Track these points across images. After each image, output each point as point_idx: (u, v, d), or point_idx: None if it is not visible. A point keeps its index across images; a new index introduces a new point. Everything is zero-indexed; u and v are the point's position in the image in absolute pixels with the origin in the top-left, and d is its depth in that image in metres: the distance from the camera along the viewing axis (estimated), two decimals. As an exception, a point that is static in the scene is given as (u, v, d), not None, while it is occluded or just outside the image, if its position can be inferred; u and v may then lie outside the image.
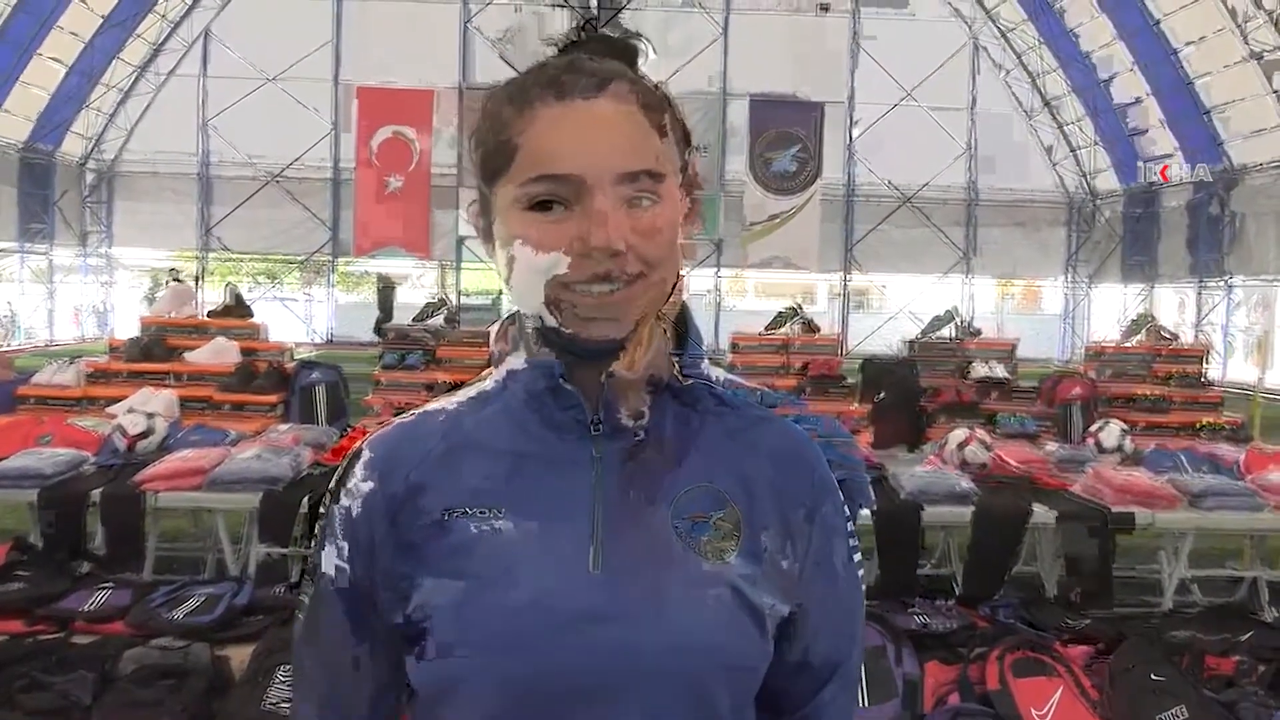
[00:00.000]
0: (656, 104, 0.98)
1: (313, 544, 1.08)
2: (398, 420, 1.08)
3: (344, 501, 1.04)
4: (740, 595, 0.98)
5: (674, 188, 1.00)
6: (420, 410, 1.09)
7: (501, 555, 0.96)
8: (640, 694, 0.94)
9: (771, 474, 1.05)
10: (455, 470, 1.01)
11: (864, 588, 1.13)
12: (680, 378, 1.05)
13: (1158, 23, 20.00)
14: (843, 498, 1.10)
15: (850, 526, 1.10)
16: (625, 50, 1.03)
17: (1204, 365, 8.94)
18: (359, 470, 1.04)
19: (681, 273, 1.02)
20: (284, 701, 3.35)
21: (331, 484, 1.07)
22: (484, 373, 1.11)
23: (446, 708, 0.96)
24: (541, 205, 0.95)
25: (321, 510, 1.07)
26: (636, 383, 1.01)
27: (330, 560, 1.04)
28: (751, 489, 1.03)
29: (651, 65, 1.03)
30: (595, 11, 21.55)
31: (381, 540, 1.01)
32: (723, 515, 1.01)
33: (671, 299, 1.02)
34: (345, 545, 1.03)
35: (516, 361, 1.04)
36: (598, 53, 1.01)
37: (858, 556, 1.11)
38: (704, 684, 0.95)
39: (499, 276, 1.02)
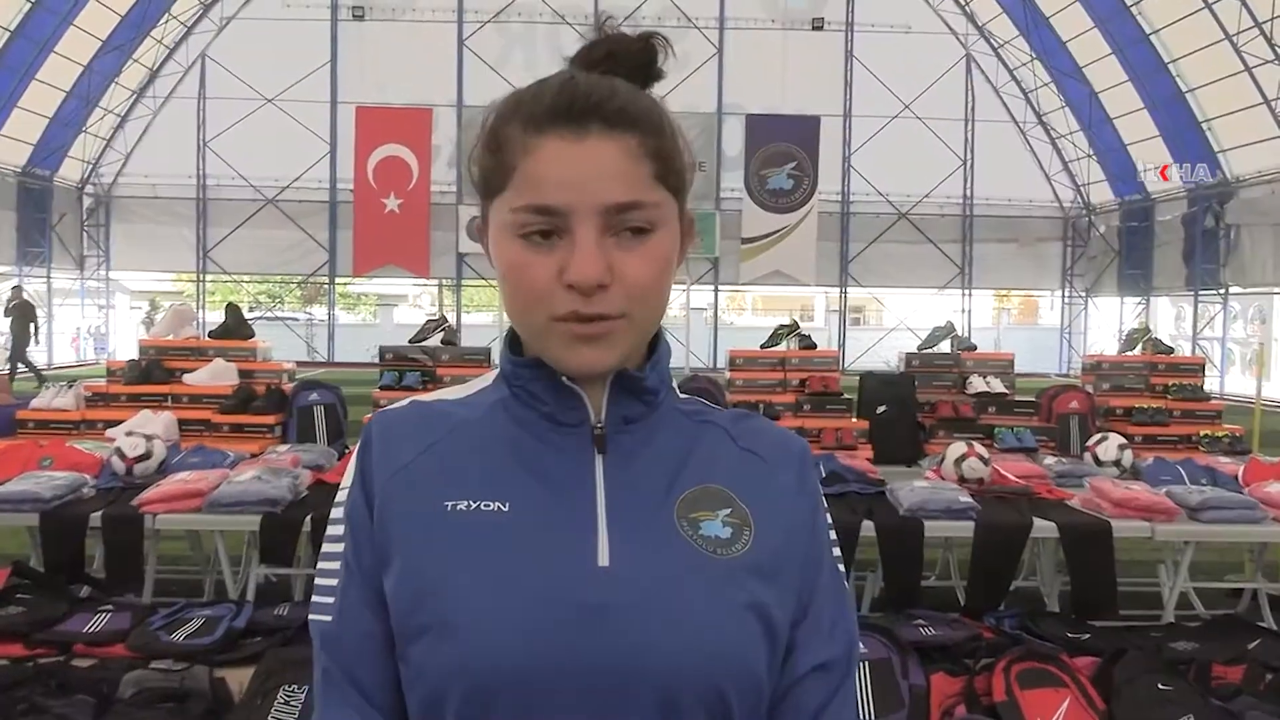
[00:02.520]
0: (654, 129, 0.97)
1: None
2: (405, 404, 1.08)
3: (348, 483, 1.05)
4: (750, 593, 0.97)
5: (670, 216, 0.98)
6: (427, 398, 1.09)
7: (506, 548, 0.96)
8: (648, 687, 0.92)
9: (771, 478, 1.05)
10: (456, 462, 1.01)
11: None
12: (677, 390, 1.08)
13: (1149, 35, 20.09)
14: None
15: (832, 534, 1.10)
16: (644, 51, 1.02)
17: (1202, 377, 8.93)
18: (360, 453, 1.05)
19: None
20: (285, 723, 3.34)
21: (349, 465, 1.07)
22: (490, 370, 1.11)
23: (447, 702, 0.94)
24: (537, 233, 0.94)
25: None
26: (639, 384, 1.02)
27: (340, 540, 1.05)
28: (754, 492, 1.03)
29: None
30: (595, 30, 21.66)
31: (377, 526, 1.01)
32: (730, 513, 1.01)
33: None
34: (348, 529, 1.04)
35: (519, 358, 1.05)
36: (616, 52, 1.01)
37: (841, 566, 1.11)
38: (717, 687, 0.93)
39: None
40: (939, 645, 3.90)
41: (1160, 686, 3.52)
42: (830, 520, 1.10)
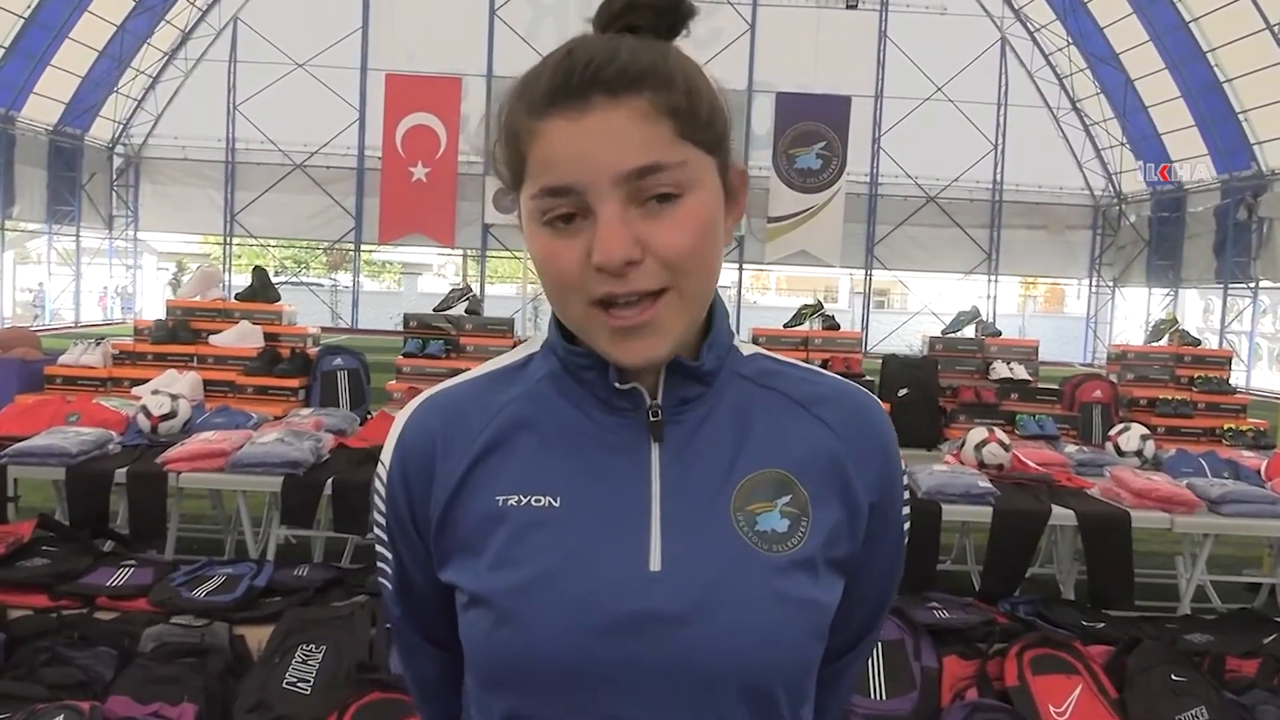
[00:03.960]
0: (664, 82, 0.89)
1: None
2: (450, 386, 1.05)
3: (396, 467, 1.02)
4: (803, 589, 0.95)
5: (705, 173, 0.91)
6: (472, 375, 1.06)
7: (556, 547, 0.93)
8: (698, 694, 0.91)
9: (841, 448, 1.01)
10: (506, 450, 0.98)
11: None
12: (739, 349, 1.03)
13: (1188, 23, 19.79)
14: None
15: (906, 494, 1.08)
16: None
17: (1228, 370, 8.86)
18: (413, 435, 1.02)
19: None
20: (301, 681, 3.38)
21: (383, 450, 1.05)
22: (528, 339, 1.07)
23: (502, 690, 0.94)
24: (559, 217, 0.89)
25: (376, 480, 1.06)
26: (696, 371, 0.97)
27: (381, 524, 1.06)
28: (818, 466, 0.99)
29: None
30: None
31: (426, 515, 1.00)
32: (788, 501, 0.97)
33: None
34: (390, 512, 1.04)
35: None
36: (636, 1, 0.94)
37: (908, 525, 1.08)
38: (765, 684, 0.93)
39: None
40: (952, 628, 3.91)
41: (1173, 677, 3.52)
42: (906, 509, 1.07)
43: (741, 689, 0.92)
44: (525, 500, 0.95)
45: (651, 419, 0.96)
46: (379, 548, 1.07)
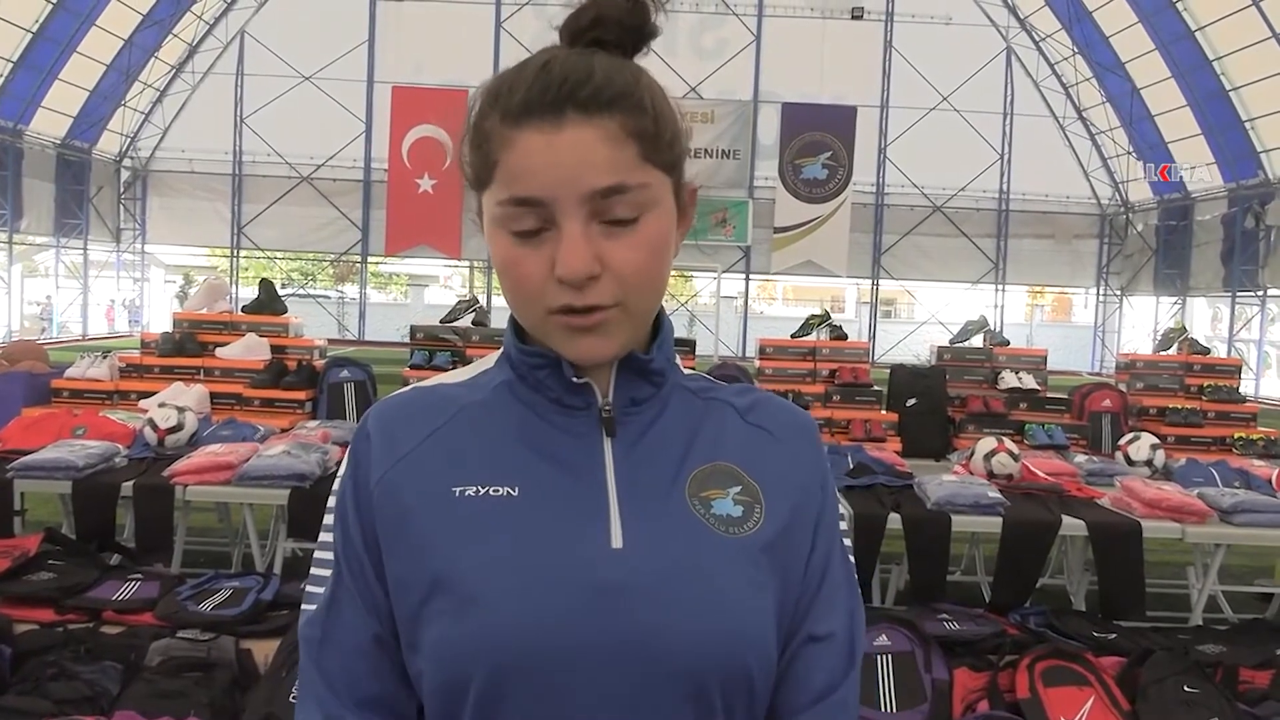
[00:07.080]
0: (635, 107, 0.93)
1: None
2: (405, 391, 1.07)
3: (348, 475, 1.02)
4: (760, 569, 0.97)
5: (662, 194, 0.96)
6: (428, 383, 1.08)
7: (517, 531, 0.94)
8: (669, 667, 0.91)
9: (782, 452, 1.05)
10: (462, 447, 1.00)
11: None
12: (682, 367, 1.07)
13: (1193, 32, 19.79)
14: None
15: (840, 509, 1.09)
16: (634, 12, 0.97)
17: (1238, 379, 8.82)
18: (355, 446, 1.02)
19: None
20: (309, 695, 3.36)
21: (343, 459, 1.05)
22: (493, 353, 1.10)
23: (468, 685, 0.92)
24: (520, 228, 0.93)
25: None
26: (646, 367, 1.01)
27: (338, 533, 1.02)
28: (766, 467, 1.03)
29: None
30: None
31: (379, 519, 0.98)
32: (740, 491, 1.00)
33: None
34: (337, 526, 1.01)
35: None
36: (603, 16, 0.97)
37: (849, 541, 1.09)
38: (734, 655, 0.93)
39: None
40: (963, 640, 3.88)
41: (1186, 689, 3.49)
42: (838, 498, 1.10)
43: (716, 669, 0.92)
44: (483, 491, 0.97)
45: (604, 415, 1.00)
46: (315, 568, 1.04)
